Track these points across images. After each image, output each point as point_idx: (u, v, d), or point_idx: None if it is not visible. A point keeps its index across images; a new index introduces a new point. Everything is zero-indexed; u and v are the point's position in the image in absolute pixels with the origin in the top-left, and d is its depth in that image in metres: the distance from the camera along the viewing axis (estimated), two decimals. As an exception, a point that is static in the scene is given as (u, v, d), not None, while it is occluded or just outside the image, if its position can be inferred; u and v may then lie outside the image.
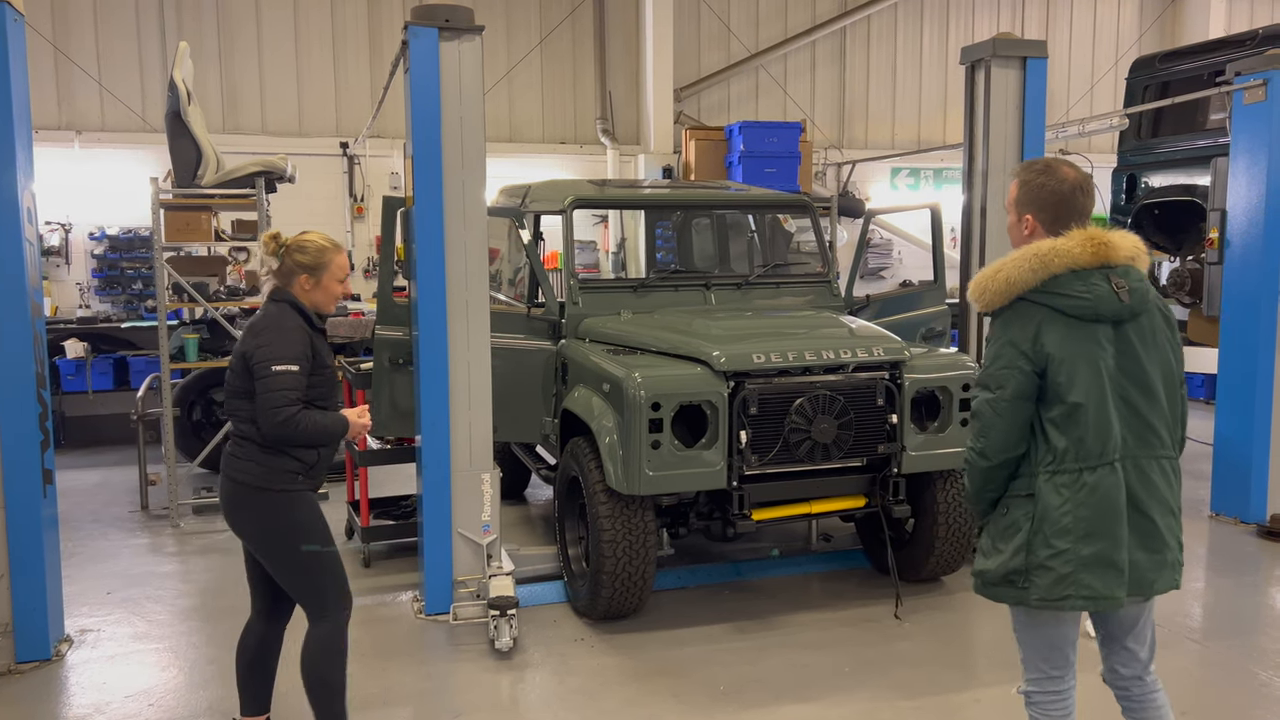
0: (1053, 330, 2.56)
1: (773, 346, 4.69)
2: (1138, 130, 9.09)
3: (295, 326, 3.23)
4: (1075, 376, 2.55)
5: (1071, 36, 13.02)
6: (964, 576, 5.37)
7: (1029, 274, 2.56)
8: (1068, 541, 2.54)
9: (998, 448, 2.62)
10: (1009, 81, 5.63)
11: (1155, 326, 2.65)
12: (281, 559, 3.26)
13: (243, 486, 3.22)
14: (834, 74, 12.22)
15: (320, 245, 3.33)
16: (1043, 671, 2.76)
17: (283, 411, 3.09)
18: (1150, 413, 2.61)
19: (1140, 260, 2.63)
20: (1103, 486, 2.55)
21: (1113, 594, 2.55)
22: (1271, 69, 6.10)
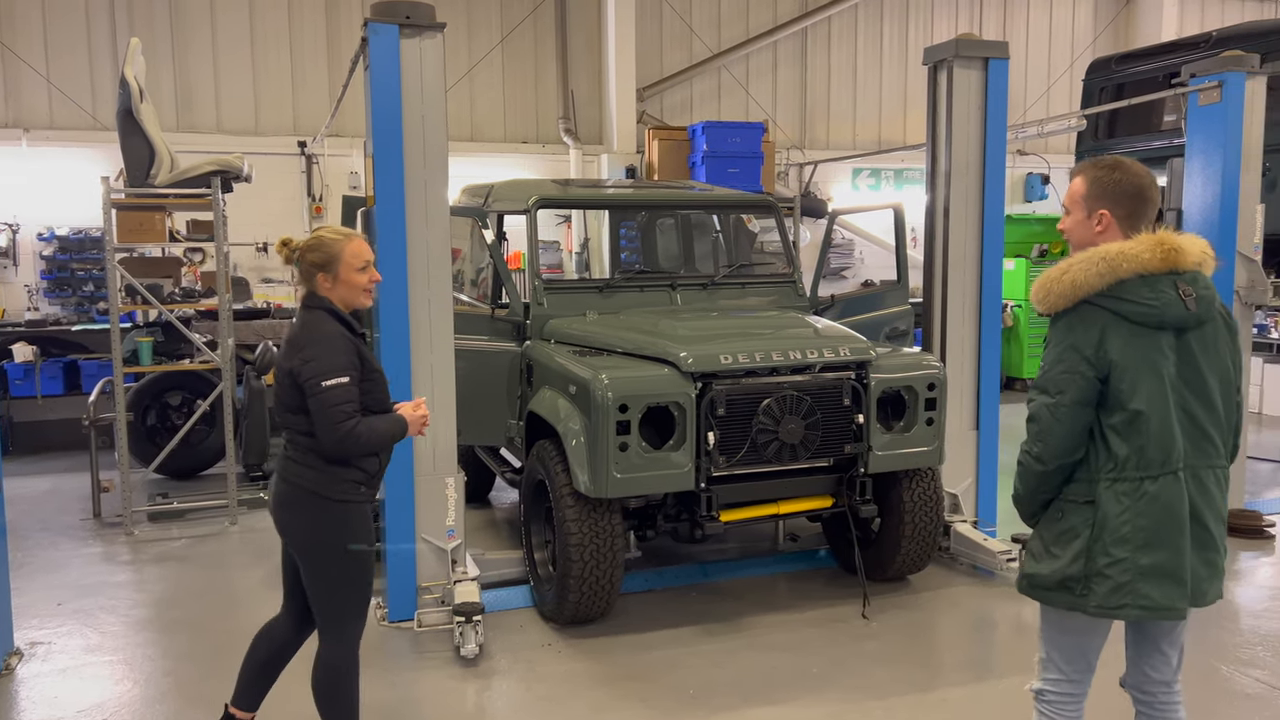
0: (1116, 336, 2.51)
1: (740, 347, 4.66)
2: (1095, 131, 9.22)
3: (335, 334, 3.08)
4: (1138, 384, 2.51)
5: (1028, 38, 13.17)
6: (931, 575, 5.39)
7: (1096, 277, 2.50)
8: (1126, 550, 2.52)
9: (1055, 453, 2.57)
10: (971, 82, 5.66)
11: (1217, 334, 2.59)
12: (321, 570, 3.14)
13: (299, 489, 3.11)
14: (796, 74, 12.26)
15: (326, 238, 3.16)
16: (1063, 674, 2.72)
17: (343, 427, 2.98)
18: (1208, 422, 2.57)
19: (1207, 265, 2.57)
20: (1164, 496, 2.52)
21: (1173, 605, 2.53)
22: (1226, 71, 6.20)
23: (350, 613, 3.19)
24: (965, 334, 5.78)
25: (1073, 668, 2.71)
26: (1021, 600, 5.11)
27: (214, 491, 7.06)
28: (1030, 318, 11.86)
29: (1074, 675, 2.71)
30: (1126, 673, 2.80)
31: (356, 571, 3.14)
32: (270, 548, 6.07)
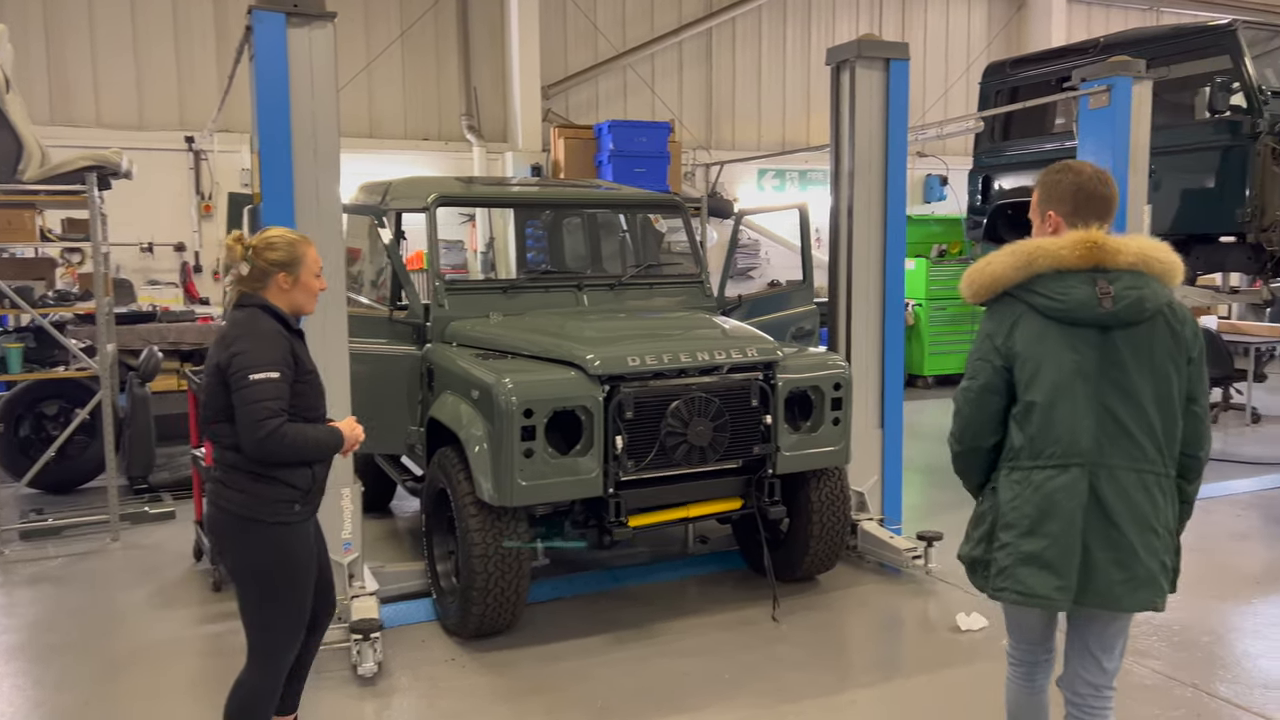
0: (1027, 328, 2.56)
1: (647, 349, 4.58)
2: (991, 133, 9.45)
3: (271, 330, 2.94)
4: (1037, 376, 2.55)
5: (926, 42, 13.47)
6: (839, 575, 5.40)
7: (1013, 270, 2.56)
8: (1011, 536, 2.59)
9: (964, 435, 2.68)
10: (873, 82, 5.69)
11: (1155, 338, 2.54)
12: (254, 598, 2.98)
13: (227, 514, 2.95)
14: (701, 75, 12.28)
15: (291, 239, 3.07)
16: (1013, 644, 2.86)
17: (267, 424, 2.80)
18: (1134, 424, 2.53)
19: (1152, 267, 2.53)
20: (1049, 487, 2.54)
21: (1046, 595, 2.55)
22: (1114, 75, 6.37)
23: (281, 644, 3.04)
24: (869, 333, 5.81)
25: (1016, 641, 2.84)
26: (928, 597, 5.16)
27: (94, 506, 6.64)
28: (931, 316, 12.12)
29: (1021, 647, 2.83)
30: (1063, 675, 2.82)
31: (294, 601, 3.01)
32: (155, 564, 5.74)
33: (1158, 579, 2.57)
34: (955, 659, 4.42)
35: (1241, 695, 4.00)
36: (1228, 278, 8.17)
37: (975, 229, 9.50)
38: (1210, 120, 6.93)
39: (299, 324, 3.12)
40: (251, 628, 3.03)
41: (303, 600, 3.04)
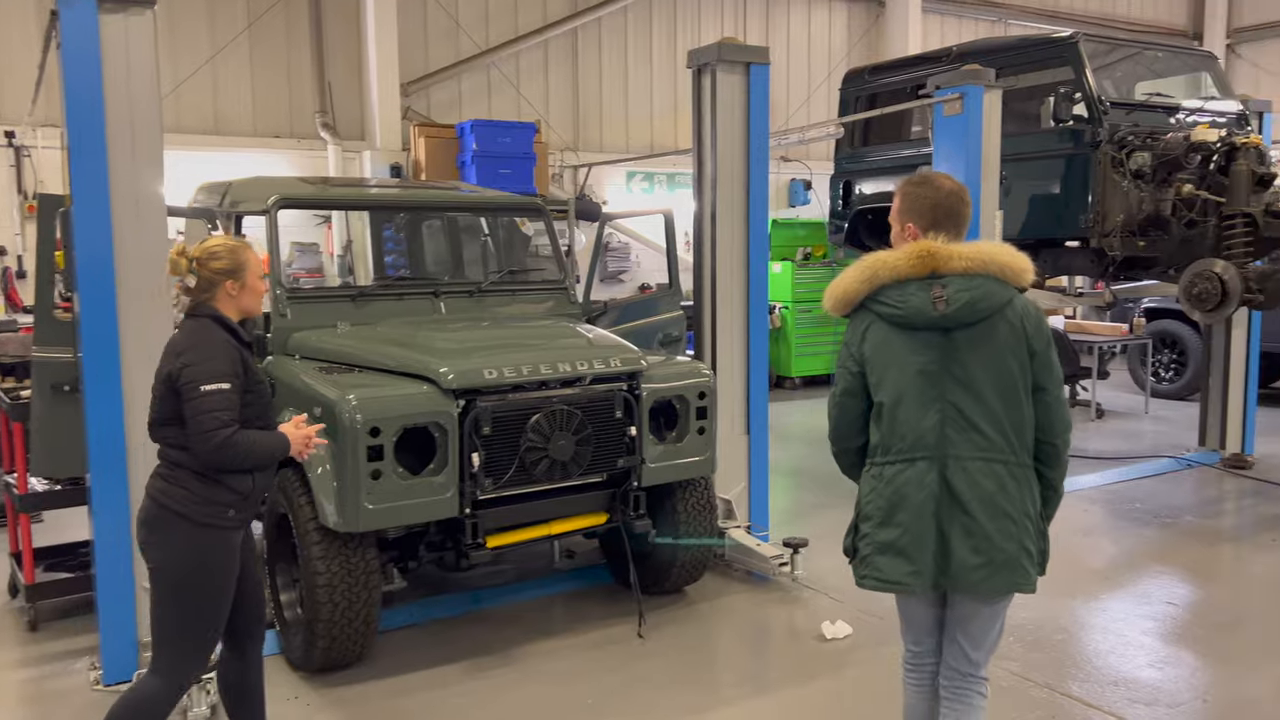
0: (875, 335, 2.75)
1: (506, 360, 4.37)
2: (851, 139, 9.60)
3: (221, 341, 3.00)
4: (885, 378, 2.73)
5: (789, 47, 13.65)
6: (706, 585, 5.31)
7: (860, 284, 2.75)
8: (869, 527, 2.77)
9: (835, 437, 2.89)
10: (734, 87, 5.63)
11: (994, 335, 2.68)
12: (169, 596, 2.98)
13: (165, 509, 2.97)
14: (567, 75, 12.10)
15: (232, 246, 3.13)
16: (907, 643, 2.98)
17: (219, 434, 2.86)
18: (979, 416, 2.68)
19: (989, 268, 2.66)
20: (899, 480, 2.71)
21: (901, 580, 2.71)
22: (967, 84, 6.52)
23: (186, 651, 3.03)
24: (734, 338, 5.75)
25: (907, 636, 2.97)
26: (794, 604, 5.13)
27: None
28: (797, 319, 12.28)
29: (910, 641, 2.96)
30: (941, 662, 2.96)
31: (209, 610, 3.00)
32: (-39, 605, 5.18)
33: (1018, 562, 2.68)
34: (821, 670, 4.38)
35: (1093, 694, 4.09)
36: (1073, 281, 8.53)
37: (837, 233, 9.64)
38: (1055, 129, 7.20)
39: (249, 335, 3.20)
40: (160, 631, 3.02)
41: (214, 612, 3.02)
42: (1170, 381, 11.15)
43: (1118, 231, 6.93)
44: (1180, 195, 6.73)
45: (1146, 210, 6.96)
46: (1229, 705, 4.00)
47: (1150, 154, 6.78)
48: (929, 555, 2.68)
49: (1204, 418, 8.38)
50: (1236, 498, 7.15)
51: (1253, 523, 6.46)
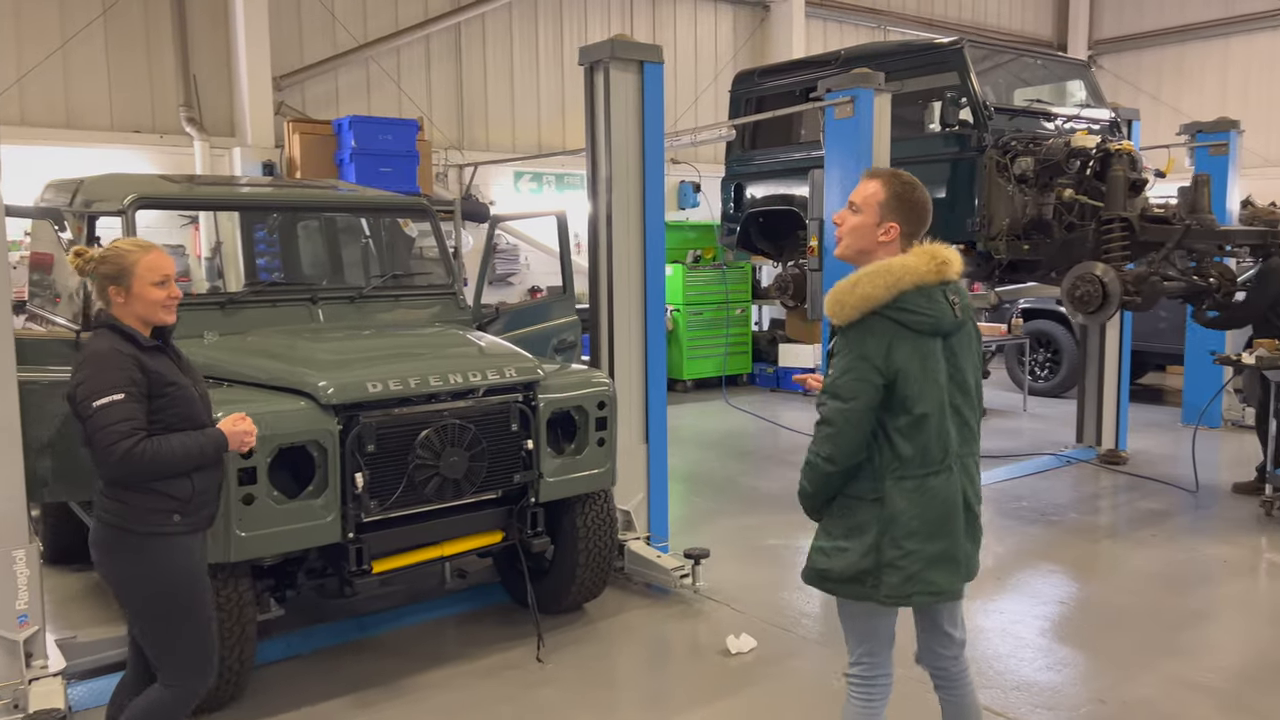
0: (901, 345, 2.68)
1: (391, 372, 4.09)
2: (742, 142, 9.57)
3: (109, 350, 2.83)
4: (924, 390, 2.70)
5: (675, 50, 13.60)
6: (606, 600, 5.12)
7: (884, 290, 2.65)
8: (916, 543, 2.70)
9: (847, 454, 2.71)
10: (628, 85, 5.46)
11: (971, 336, 2.85)
12: (139, 610, 2.92)
13: (107, 526, 2.88)
14: (450, 71, 11.73)
15: (119, 249, 2.93)
16: (869, 655, 2.90)
17: (117, 448, 2.72)
18: (969, 414, 2.83)
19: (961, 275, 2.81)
20: (944, 490, 2.73)
21: (954, 587, 2.79)
22: (857, 87, 6.53)
23: (185, 662, 2.95)
24: (632, 344, 5.59)
25: (867, 647, 2.90)
26: (697, 618, 5.00)
27: None
28: (688, 321, 12.23)
29: (872, 653, 2.91)
30: (919, 652, 3.05)
31: (190, 614, 2.93)
32: None
33: (980, 546, 2.92)
34: (726, 687, 4.25)
35: (998, 700, 4.07)
36: (958, 283, 8.72)
37: (730, 236, 9.59)
38: (941, 134, 7.30)
39: (160, 337, 3.00)
40: (150, 648, 2.96)
41: (198, 615, 2.96)
42: (1046, 380, 11.55)
43: (1003, 235, 7.07)
44: (1061, 199, 6.90)
45: (1030, 214, 7.12)
46: (1125, 706, 4.04)
47: (1033, 159, 6.93)
48: (965, 558, 2.80)
49: (1080, 416, 8.67)
50: (1114, 493, 7.39)
51: (1132, 518, 6.67)
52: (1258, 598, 5.35)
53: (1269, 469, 6.64)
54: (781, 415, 10.53)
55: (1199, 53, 16.26)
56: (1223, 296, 6.92)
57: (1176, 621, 4.90)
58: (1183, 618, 4.96)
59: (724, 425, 10.32)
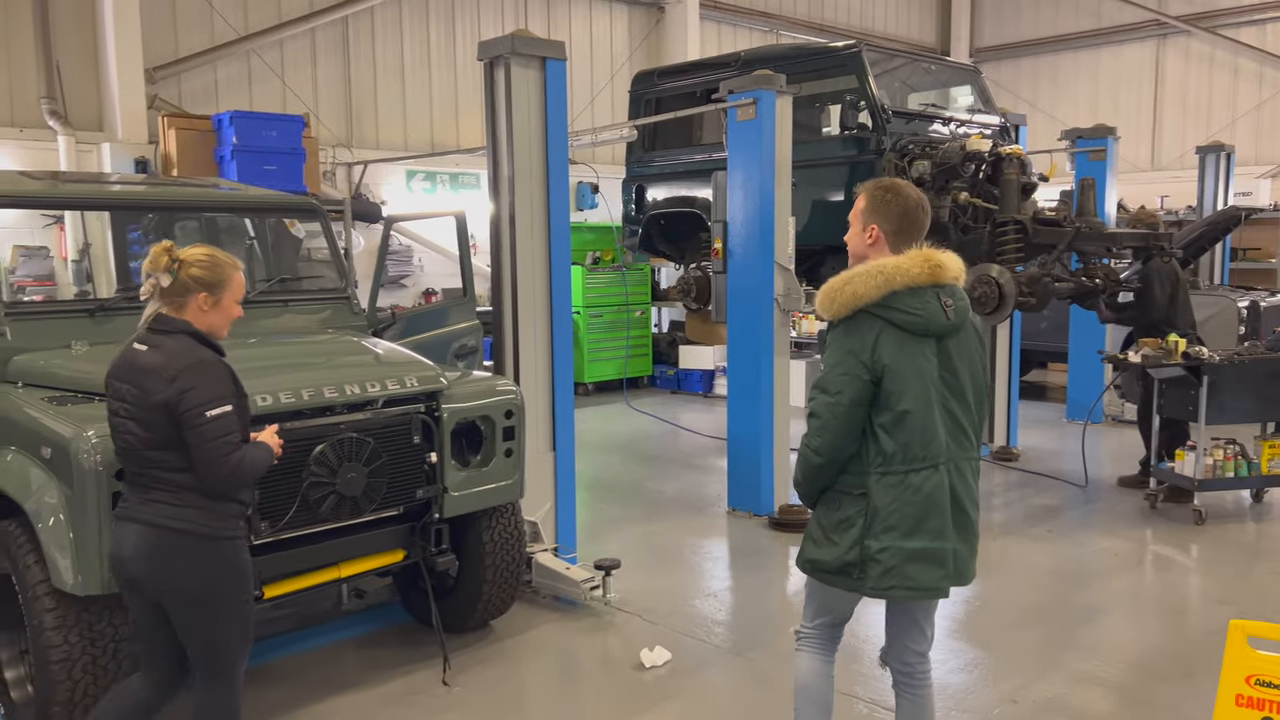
0: (888, 342, 2.77)
1: (280, 383, 3.82)
2: (642, 143, 9.47)
3: (212, 360, 2.91)
4: (906, 387, 2.76)
5: (571, 49, 13.37)
6: (514, 616, 4.93)
7: (874, 289, 2.76)
8: (894, 538, 2.77)
9: (832, 447, 2.81)
10: (530, 82, 5.29)
11: (969, 340, 2.89)
12: (207, 619, 2.94)
13: (179, 534, 2.87)
14: (338, 67, 11.29)
15: (220, 260, 2.99)
16: (823, 619, 3.07)
17: (233, 458, 2.84)
18: (964, 419, 2.87)
19: (962, 280, 2.87)
20: (926, 487, 2.77)
21: (935, 585, 2.81)
22: (759, 89, 6.50)
23: (237, 657, 3.02)
24: (538, 349, 5.42)
25: (824, 620, 3.08)
26: (608, 631, 4.86)
27: None
28: (589, 324, 12.08)
29: (826, 624, 3.08)
30: (886, 648, 3.10)
31: (245, 614, 3.01)
32: None
33: (977, 551, 2.95)
34: (642, 703, 4.13)
35: (915, 704, 4.05)
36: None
37: (631, 238, 9.48)
38: (840, 137, 7.34)
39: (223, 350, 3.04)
40: (203, 648, 2.97)
41: (249, 614, 3.04)
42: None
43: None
44: (957, 202, 7.03)
45: (927, 217, 7.22)
46: (1036, 706, 4.08)
47: (930, 162, 7.04)
48: (952, 558, 2.81)
49: (975, 413, 8.86)
50: (1008, 490, 7.57)
51: (1027, 515, 6.83)
52: (1147, 590, 5.52)
53: (1152, 463, 6.90)
54: (682, 417, 10.50)
55: (1072, 63, 16.98)
56: (1108, 297, 7.16)
57: (1076, 617, 5.01)
58: (1082, 613, 5.08)
59: (626, 428, 10.22)
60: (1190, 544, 6.16)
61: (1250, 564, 5.77)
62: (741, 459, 6.89)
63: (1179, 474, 6.59)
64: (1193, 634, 4.76)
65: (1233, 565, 5.75)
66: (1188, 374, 6.40)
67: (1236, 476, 6.52)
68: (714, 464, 8.05)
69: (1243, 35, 15.18)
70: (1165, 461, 6.78)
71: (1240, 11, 15.13)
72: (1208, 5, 15.35)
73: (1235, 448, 6.56)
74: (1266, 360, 6.44)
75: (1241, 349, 6.73)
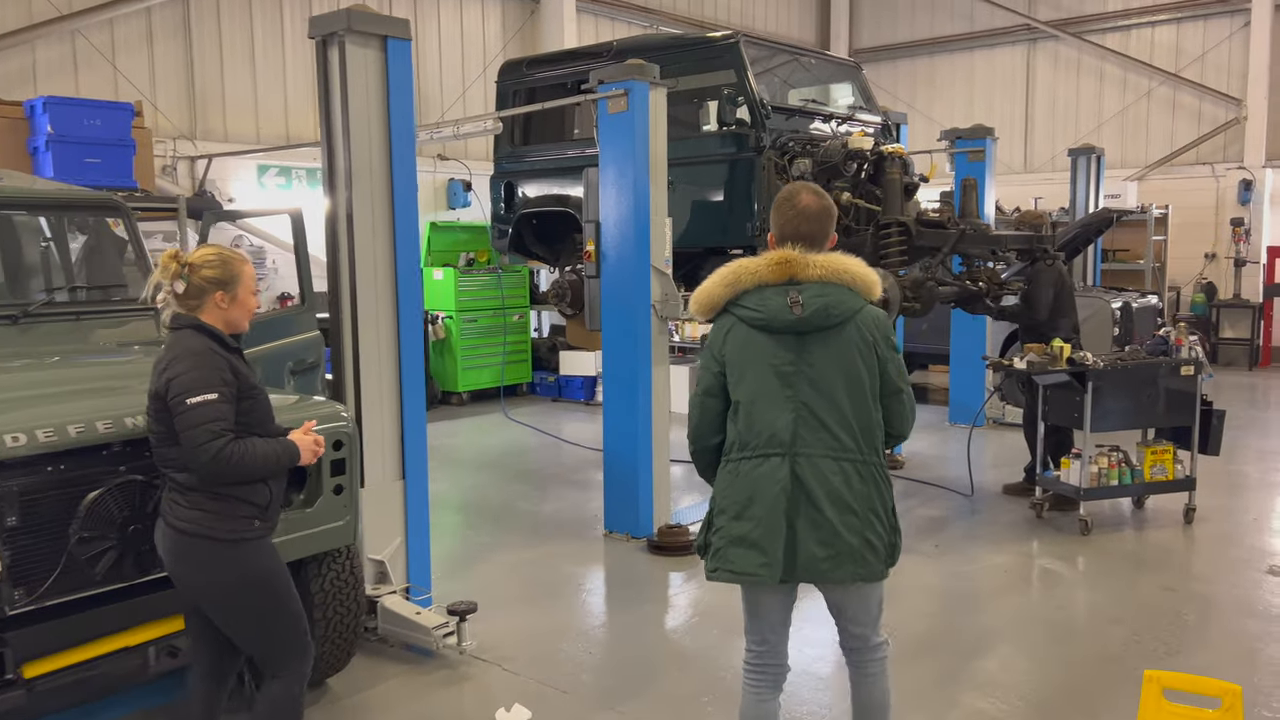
0: (735, 337, 2.90)
1: (43, 417, 3.15)
2: (511, 137, 8.89)
3: (204, 350, 2.88)
4: (743, 378, 2.88)
5: (440, 39, 12.75)
6: (355, 671, 4.32)
7: (723, 289, 2.91)
8: (723, 520, 2.89)
9: (695, 433, 3.01)
10: (369, 64, 4.67)
11: (847, 340, 2.86)
12: (235, 614, 2.96)
13: (187, 536, 2.88)
14: (179, 50, 10.32)
15: (228, 256, 3.04)
16: (755, 637, 3.05)
17: (211, 446, 2.76)
18: (829, 416, 2.84)
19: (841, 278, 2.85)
20: (753, 475, 2.84)
21: (752, 571, 2.84)
22: (631, 79, 6.03)
23: (294, 647, 3.03)
24: (383, 363, 4.80)
25: (751, 631, 3.05)
26: (463, 684, 4.30)
27: None
28: (462, 329, 11.42)
29: (754, 640, 3.04)
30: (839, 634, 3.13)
31: (283, 610, 3.00)
32: None
33: (860, 554, 2.83)
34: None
35: (802, 762, 3.64)
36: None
37: (501, 238, 8.87)
38: (719, 133, 6.93)
39: (238, 342, 3.06)
40: (255, 644, 3.02)
41: (293, 605, 3.02)
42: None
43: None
44: (839, 203, 6.71)
45: (809, 218, 6.88)
46: (933, 751, 3.72)
47: (811, 160, 6.69)
48: (779, 548, 2.80)
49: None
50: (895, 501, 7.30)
51: (916, 529, 6.55)
52: (1039, 611, 5.24)
53: (1038, 471, 6.73)
54: (564, 427, 9.96)
55: (948, 65, 17.16)
56: (991, 300, 6.97)
57: (971, 647, 4.70)
58: (976, 641, 4.77)
59: (503, 441, 9.64)
60: (1077, 556, 5.98)
61: (1136, 577, 5.61)
62: (618, 476, 6.41)
63: (1064, 483, 6.42)
64: (1089, 661, 4.50)
65: (1120, 579, 5.57)
66: (1072, 380, 6.23)
67: (1120, 484, 6.40)
68: (595, 479, 7.54)
69: (1108, 41, 15.57)
70: (1050, 470, 6.62)
71: (1105, 17, 15.51)
72: (1075, 10, 15.70)
73: (1119, 454, 6.43)
74: (1148, 365, 6.33)
75: (1124, 354, 6.61)
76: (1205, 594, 5.31)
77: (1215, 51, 14.72)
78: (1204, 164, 14.75)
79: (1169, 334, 6.59)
